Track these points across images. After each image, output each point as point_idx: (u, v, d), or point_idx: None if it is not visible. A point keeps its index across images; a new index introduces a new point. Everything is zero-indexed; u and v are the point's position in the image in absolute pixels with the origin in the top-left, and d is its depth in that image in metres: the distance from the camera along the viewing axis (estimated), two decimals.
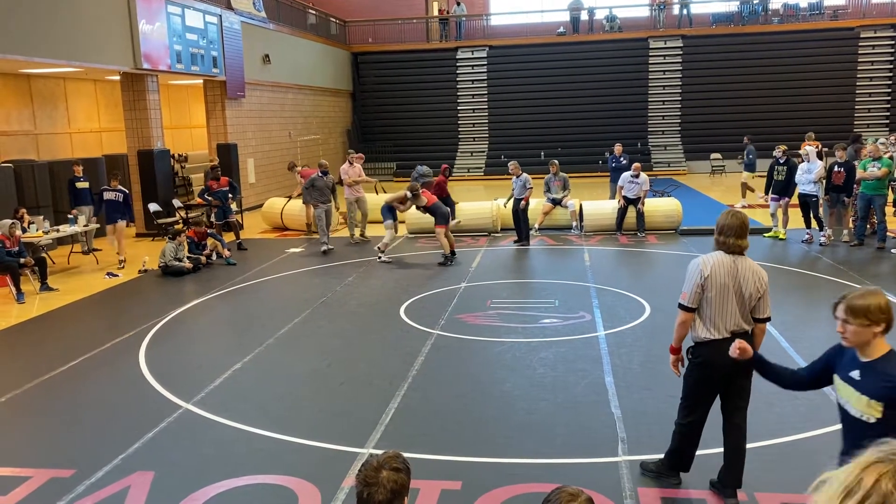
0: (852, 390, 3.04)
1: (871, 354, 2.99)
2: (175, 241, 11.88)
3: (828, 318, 8.76)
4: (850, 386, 3.05)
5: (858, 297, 2.99)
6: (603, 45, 27.55)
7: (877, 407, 2.94)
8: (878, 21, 26.40)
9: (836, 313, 3.03)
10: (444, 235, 11.86)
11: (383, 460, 2.21)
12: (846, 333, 3.01)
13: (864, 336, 2.97)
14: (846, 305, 2.99)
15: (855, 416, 3.03)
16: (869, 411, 2.97)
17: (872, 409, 2.95)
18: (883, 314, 2.95)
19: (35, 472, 5.13)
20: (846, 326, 2.99)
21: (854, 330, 2.98)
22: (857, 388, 3.01)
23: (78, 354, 7.77)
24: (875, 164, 11.68)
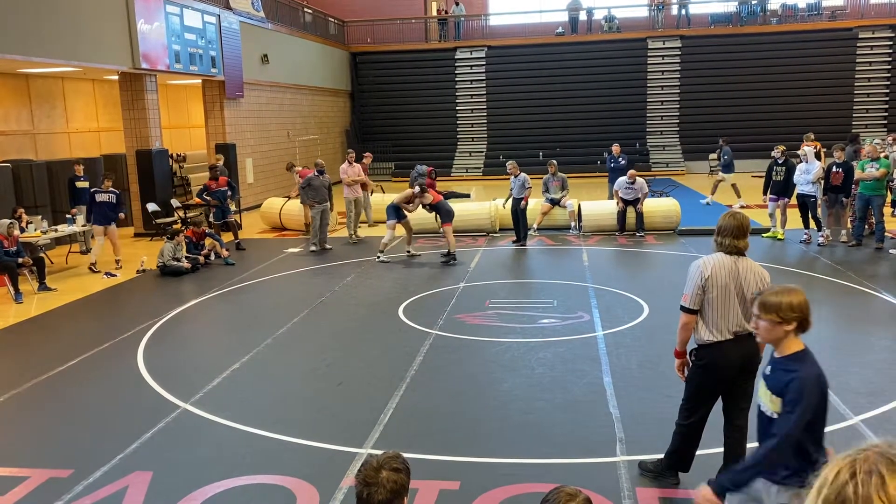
0: (763, 387, 3.12)
1: (783, 351, 3.06)
2: (173, 241, 11.87)
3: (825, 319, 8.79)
4: (763, 382, 3.14)
5: (772, 293, 3.05)
6: (601, 45, 27.57)
7: (777, 402, 3.02)
8: (876, 21, 26.43)
9: (752, 309, 3.11)
10: (451, 233, 11.99)
11: (383, 460, 2.21)
12: (758, 329, 3.08)
13: (776, 333, 3.02)
14: (759, 301, 3.05)
15: (763, 411, 3.12)
16: (772, 406, 3.05)
17: (774, 405, 3.04)
18: (794, 312, 2.98)
19: (33, 472, 5.13)
20: (758, 322, 3.05)
21: (765, 326, 3.04)
22: (767, 384, 3.10)
23: (76, 354, 7.76)
24: (873, 164, 11.70)
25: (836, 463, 1.32)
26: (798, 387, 2.93)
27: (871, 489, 1.25)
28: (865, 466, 1.28)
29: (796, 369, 2.97)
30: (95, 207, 12.22)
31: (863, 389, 6.14)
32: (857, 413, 5.65)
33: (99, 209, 12.21)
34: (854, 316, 8.53)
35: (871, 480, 1.26)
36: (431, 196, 12.11)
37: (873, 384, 6.27)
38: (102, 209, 12.23)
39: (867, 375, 6.48)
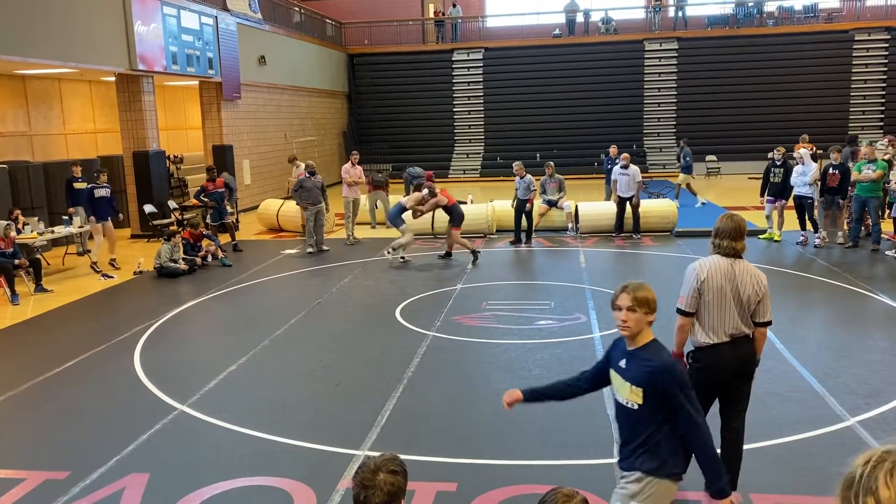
0: (621, 380, 3.19)
1: (639, 342, 3.17)
2: (170, 242, 11.86)
3: (822, 321, 8.80)
4: (619, 376, 3.21)
5: (640, 288, 3.17)
6: (598, 47, 27.60)
7: (638, 392, 3.11)
8: (872, 24, 26.49)
9: (617, 302, 3.15)
10: (459, 236, 12.15)
11: (380, 463, 2.21)
12: (629, 322, 3.14)
13: (641, 324, 3.16)
14: (633, 296, 3.13)
15: (623, 404, 3.20)
16: (633, 398, 3.14)
17: (635, 396, 3.13)
18: (655, 304, 3.19)
19: (29, 473, 5.12)
20: (630, 315, 3.13)
21: (637, 318, 3.14)
22: (624, 377, 3.18)
23: (73, 356, 7.74)
24: (870, 166, 11.73)
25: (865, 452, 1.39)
26: (662, 374, 3.09)
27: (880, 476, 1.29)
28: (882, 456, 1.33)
29: (653, 358, 3.13)
30: (95, 203, 12.25)
31: (859, 391, 6.15)
32: (854, 414, 5.66)
33: (99, 205, 12.26)
34: (850, 317, 8.54)
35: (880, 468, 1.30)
36: (446, 198, 12.10)
37: (869, 385, 6.28)
38: (102, 204, 12.28)
39: (864, 377, 6.49)
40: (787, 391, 6.20)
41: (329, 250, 13.35)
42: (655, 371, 3.10)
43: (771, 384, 6.25)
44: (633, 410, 3.16)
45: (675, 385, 3.09)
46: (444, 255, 12.44)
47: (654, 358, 3.14)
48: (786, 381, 6.42)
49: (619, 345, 3.31)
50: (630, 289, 3.15)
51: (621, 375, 3.20)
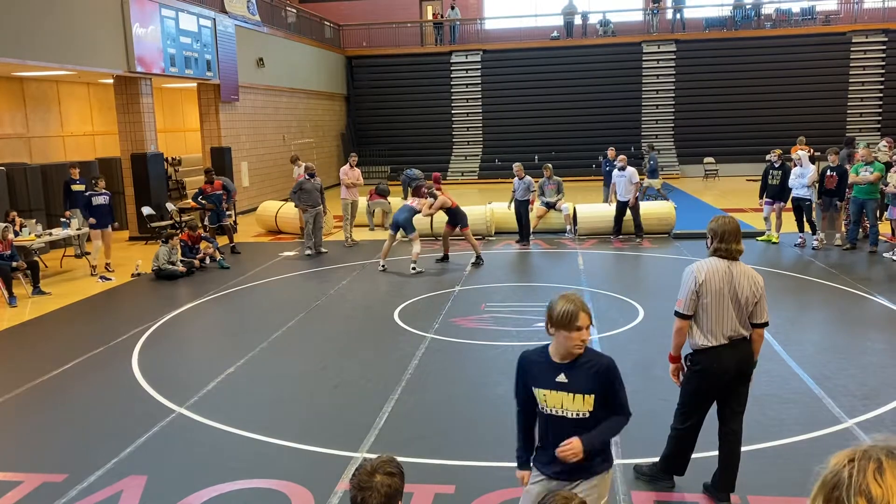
0: (565, 394, 3.11)
1: (574, 355, 3.10)
2: (168, 244, 11.85)
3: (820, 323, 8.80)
4: (561, 391, 3.11)
5: (585, 304, 3.10)
6: (597, 49, 27.62)
7: (590, 400, 3.09)
8: (869, 26, 26.55)
9: (578, 323, 3.02)
10: (472, 235, 12.24)
11: (377, 464, 2.20)
12: (586, 339, 3.08)
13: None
14: (588, 313, 3.07)
15: (570, 418, 3.12)
16: (584, 408, 3.10)
17: (587, 405, 3.10)
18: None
19: (27, 476, 5.11)
20: (585, 333, 3.06)
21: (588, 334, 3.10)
22: (568, 390, 3.10)
23: (70, 358, 7.73)
24: (867, 168, 11.74)
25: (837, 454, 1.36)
26: (610, 372, 3.12)
27: (868, 473, 1.27)
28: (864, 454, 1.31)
29: (595, 360, 3.12)
30: (93, 210, 12.16)
31: (857, 392, 6.16)
32: (852, 416, 5.66)
33: (97, 212, 12.16)
34: (848, 319, 8.55)
35: (868, 466, 1.28)
36: (449, 201, 12.10)
37: (867, 387, 6.28)
38: (101, 211, 12.20)
39: (861, 378, 6.49)
40: (785, 393, 6.20)
41: (327, 252, 13.35)
42: (603, 371, 3.11)
43: (769, 386, 6.25)
44: (584, 419, 3.11)
45: (618, 378, 3.16)
46: (441, 259, 12.43)
47: (595, 359, 3.14)
48: (784, 382, 6.43)
49: (535, 364, 3.18)
50: (584, 306, 3.06)
51: (563, 390, 3.10)
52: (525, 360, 3.24)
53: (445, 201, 12.03)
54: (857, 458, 1.31)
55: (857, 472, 1.28)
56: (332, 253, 13.37)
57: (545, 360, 3.16)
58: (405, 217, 11.83)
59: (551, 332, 3.09)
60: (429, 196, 12.14)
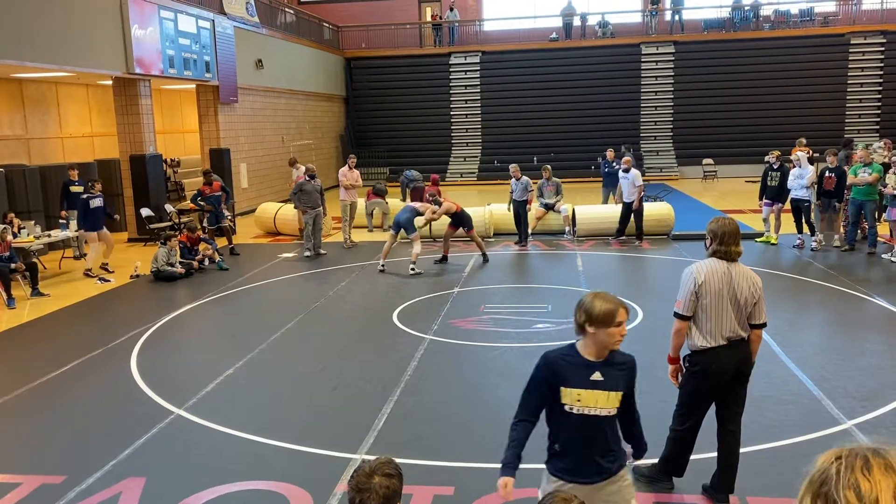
0: (600, 392, 3.13)
1: (607, 352, 3.15)
2: (167, 245, 11.84)
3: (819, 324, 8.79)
4: (596, 390, 3.13)
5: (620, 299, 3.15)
6: (595, 50, 27.64)
7: (618, 397, 3.14)
8: (868, 28, 26.58)
9: (618, 319, 3.06)
10: (477, 236, 12.50)
11: (375, 466, 2.20)
12: (625, 333, 3.12)
13: None
14: (626, 308, 3.12)
15: (601, 416, 3.15)
16: (612, 404, 3.15)
17: (615, 401, 3.15)
18: None
19: (25, 478, 5.10)
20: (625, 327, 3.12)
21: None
22: (602, 388, 3.13)
23: (69, 360, 7.73)
24: (866, 169, 11.75)
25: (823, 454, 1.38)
26: (635, 368, 3.23)
27: (856, 469, 1.29)
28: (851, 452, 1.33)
29: (625, 359, 3.20)
30: (90, 213, 12.12)
31: (856, 394, 6.16)
32: (851, 417, 5.67)
33: (93, 215, 12.14)
34: (847, 320, 8.55)
35: (856, 462, 1.30)
36: (454, 206, 12.15)
37: (866, 388, 6.29)
38: (96, 214, 12.18)
39: (860, 379, 6.49)
40: (784, 394, 6.21)
41: (326, 254, 13.35)
42: (632, 369, 3.21)
43: (768, 387, 6.26)
44: (612, 417, 3.17)
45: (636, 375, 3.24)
46: (440, 260, 12.45)
47: (622, 356, 3.18)
48: (782, 384, 6.43)
49: (566, 364, 3.16)
50: (622, 302, 3.11)
51: (599, 389, 3.12)
52: (552, 362, 3.19)
53: (450, 207, 12.09)
54: (844, 455, 1.33)
55: (845, 468, 1.30)
56: (331, 254, 13.37)
57: (577, 359, 3.15)
58: (406, 217, 11.82)
59: (590, 330, 3.09)
60: (433, 203, 12.18)
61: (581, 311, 3.12)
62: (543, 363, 3.23)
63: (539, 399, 3.23)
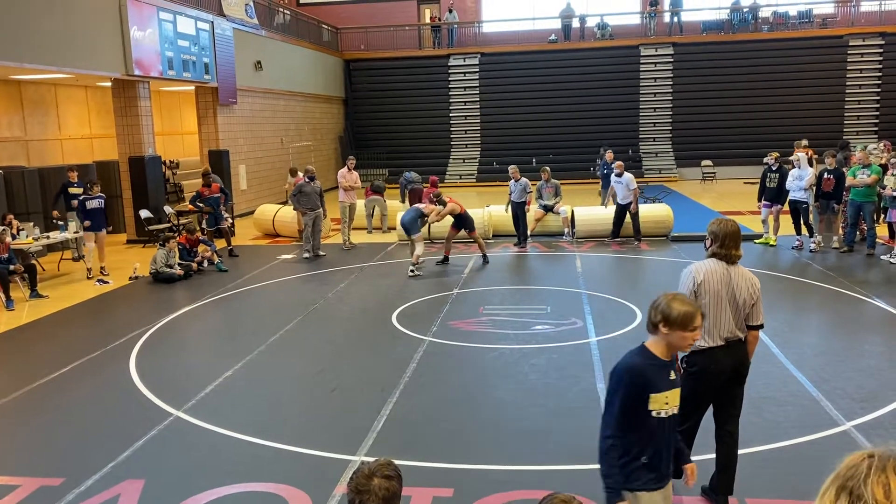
0: (677, 391, 3.16)
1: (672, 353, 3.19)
2: (166, 247, 11.84)
3: (817, 325, 8.80)
4: (675, 389, 3.16)
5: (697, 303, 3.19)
6: (594, 52, 27.67)
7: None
8: (866, 29, 26.61)
9: (695, 323, 3.07)
10: (479, 237, 12.61)
11: (375, 468, 2.20)
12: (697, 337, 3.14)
13: None
14: (703, 313, 3.14)
15: (671, 415, 3.15)
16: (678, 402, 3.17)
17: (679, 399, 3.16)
18: None
19: (24, 480, 5.10)
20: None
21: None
22: (678, 386, 3.17)
23: (68, 362, 7.72)
24: (864, 171, 11.76)
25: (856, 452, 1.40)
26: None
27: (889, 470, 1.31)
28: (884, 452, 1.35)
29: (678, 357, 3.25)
30: (87, 214, 12.09)
31: (855, 395, 6.16)
32: (850, 419, 5.67)
33: (90, 216, 12.10)
34: (846, 322, 8.56)
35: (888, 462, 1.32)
36: (458, 207, 12.17)
37: (865, 389, 6.29)
38: (96, 215, 12.14)
39: (859, 381, 6.50)
40: (783, 395, 6.21)
41: (325, 255, 13.34)
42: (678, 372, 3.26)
43: (767, 388, 6.26)
44: (676, 415, 3.18)
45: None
46: (441, 261, 12.45)
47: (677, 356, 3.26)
48: (781, 385, 6.43)
49: (651, 368, 3.10)
50: (699, 307, 3.12)
51: (676, 387, 3.14)
52: (641, 369, 3.09)
53: (455, 208, 12.12)
54: (877, 454, 1.34)
55: (876, 466, 1.31)
56: (331, 256, 13.37)
57: (656, 361, 3.12)
58: (410, 217, 11.86)
59: (664, 331, 3.07)
60: (437, 203, 12.18)
61: (658, 311, 3.10)
62: (632, 373, 3.09)
63: (631, 412, 3.10)
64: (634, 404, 3.08)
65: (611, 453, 3.13)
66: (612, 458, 3.13)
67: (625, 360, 3.18)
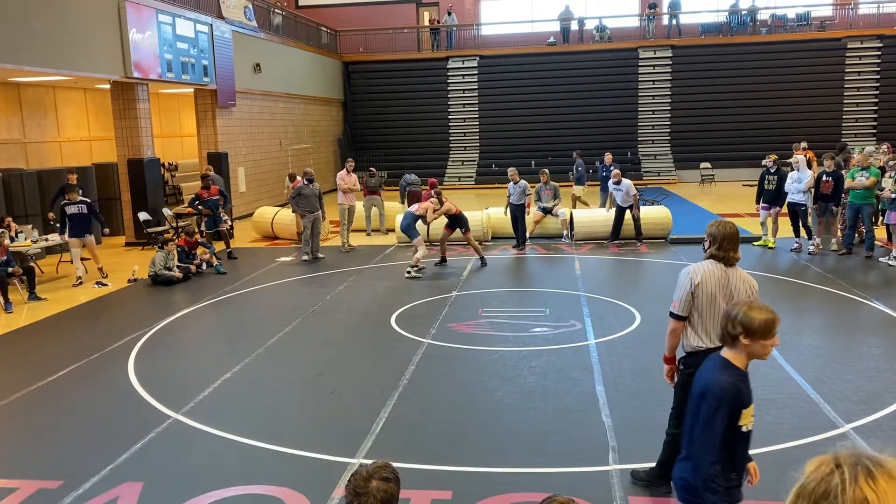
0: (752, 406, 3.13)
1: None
2: (165, 249, 11.83)
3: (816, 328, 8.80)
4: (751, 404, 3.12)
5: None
6: (593, 54, 27.70)
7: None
8: (864, 32, 26.66)
9: (775, 329, 3.02)
10: (473, 239, 12.50)
11: (373, 470, 2.20)
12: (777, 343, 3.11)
13: None
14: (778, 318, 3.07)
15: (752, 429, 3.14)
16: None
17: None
18: None
19: (22, 483, 5.09)
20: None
21: None
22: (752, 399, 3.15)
23: (66, 364, 7.71)
24: (863, 173, 11.77)
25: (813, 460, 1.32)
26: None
27: (861, 480, 1.24)
28: (850, 461, 1.27)
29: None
30: (68, 220, 11.74)
31: (854, 397, 6.16)
32: (849, 421, 5.67)
33: (70, 222, 11.75)
34: (845, 324, 8.56)
35: (858, 473, 1.25)
36: (453, 207, 12.19)
37: (864, 392, 6.29)
38: (74, 221, 11.74)
39: (858, 383, 6.50)
40: (782, 398, 6.21)
41: (324, 258, 13.34)
42: None
43: (765, 391, 6.26)
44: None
45: None
46: (439, 262, 12.46)
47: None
48: (780, 387, 6.43)
49: (742, 383, 3.05)
50: (775, 312, 3.03)
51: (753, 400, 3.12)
52: (735, 386, 3.00)
53: (450, 208, 12.14)
54: (844, 464, 1.27)
55: (849, 479, 1.24)
56: (329, 258, 13.36)
57: (741, 374, 3.05)
58: (406, 223, 11.88)
59: (745, 342, 3.00)
60: (435, 196, 12.19)
61: (736, 323, 3.00)
62: (728, 392, 2.99)
63: (728, 431, 3.01)
64: (731, 422, 2.99)
65: (718, 480, 3.02)
66: (720, 484, 3.03)
67: (715, 378, 3.04)
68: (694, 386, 3.15)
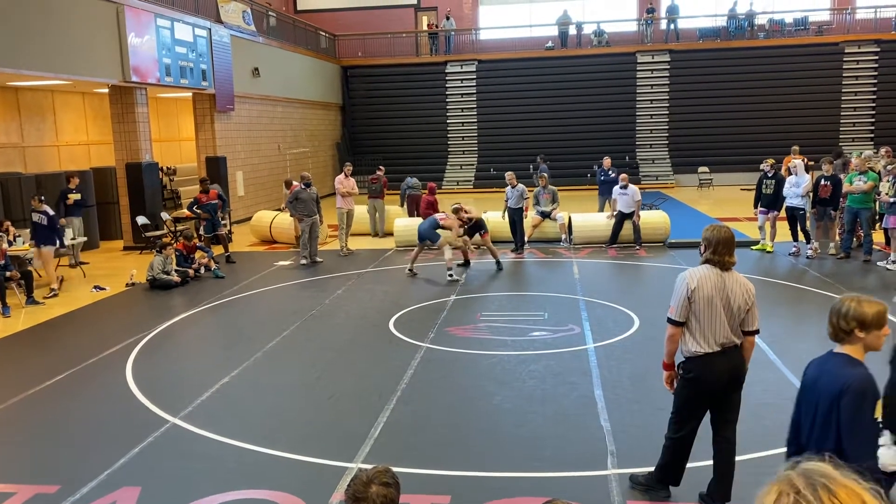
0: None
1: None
2: (163, 254, 11.82)
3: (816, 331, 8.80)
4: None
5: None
6: (591, 59, 27.74)
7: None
8: (862, 37, 26.73)
9: (886, 318, 3.10)
10: (490, 242, 12.67)
11: (373, 475, 2.19)
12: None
13: None
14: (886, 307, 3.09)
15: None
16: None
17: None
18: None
19: (20, 487, 5.08)
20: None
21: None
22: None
23: (64, 369, 7.70)
24: (861, 177, 11.79)
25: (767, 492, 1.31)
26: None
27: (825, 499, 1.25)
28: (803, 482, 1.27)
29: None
30: (32, 228, 11.50)
31: None
32: None
33: (33, 229, 11.56)
34: None
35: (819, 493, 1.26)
36: (475, 214, 12.35)
37: None
38: (37, 230, 11.50)
39: None
40: (781, 402, 6.20)
41: (322, 262, 13.33)
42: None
43: (764, 395, 6.26)
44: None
45: None
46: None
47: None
48: (779, 391, 6.43)
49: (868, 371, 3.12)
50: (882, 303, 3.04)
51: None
52: (871, 377, 3.06)
53: (475, 215, 12.42)
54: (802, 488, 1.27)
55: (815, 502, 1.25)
56: (328, 262, 13.36)
57: (865, 367, 3.09)
58: (426, 228, 12.00)
59: (860, 335, 3.07)
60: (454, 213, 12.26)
61: (848, 318, 3.08)
62: (870, 383, 3.04)
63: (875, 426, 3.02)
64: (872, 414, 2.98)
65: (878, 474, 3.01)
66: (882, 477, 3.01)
67: (851, 373, 3.05)
68: (819, 389, 3.13)
